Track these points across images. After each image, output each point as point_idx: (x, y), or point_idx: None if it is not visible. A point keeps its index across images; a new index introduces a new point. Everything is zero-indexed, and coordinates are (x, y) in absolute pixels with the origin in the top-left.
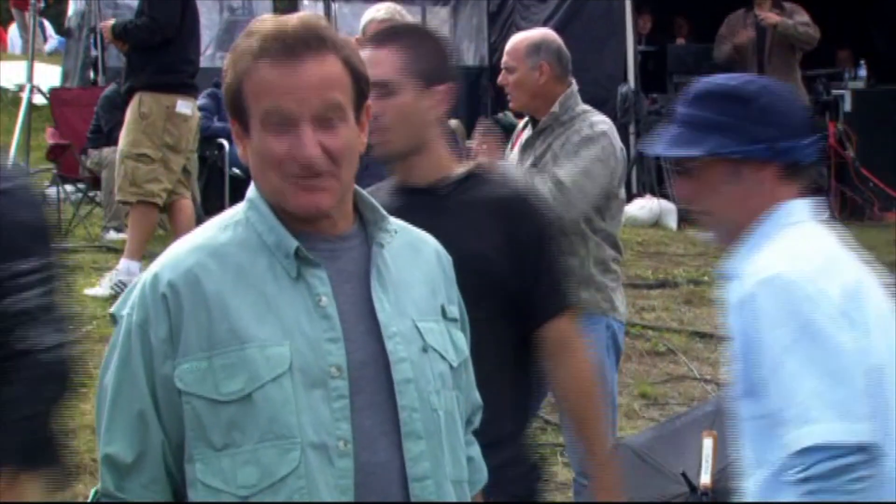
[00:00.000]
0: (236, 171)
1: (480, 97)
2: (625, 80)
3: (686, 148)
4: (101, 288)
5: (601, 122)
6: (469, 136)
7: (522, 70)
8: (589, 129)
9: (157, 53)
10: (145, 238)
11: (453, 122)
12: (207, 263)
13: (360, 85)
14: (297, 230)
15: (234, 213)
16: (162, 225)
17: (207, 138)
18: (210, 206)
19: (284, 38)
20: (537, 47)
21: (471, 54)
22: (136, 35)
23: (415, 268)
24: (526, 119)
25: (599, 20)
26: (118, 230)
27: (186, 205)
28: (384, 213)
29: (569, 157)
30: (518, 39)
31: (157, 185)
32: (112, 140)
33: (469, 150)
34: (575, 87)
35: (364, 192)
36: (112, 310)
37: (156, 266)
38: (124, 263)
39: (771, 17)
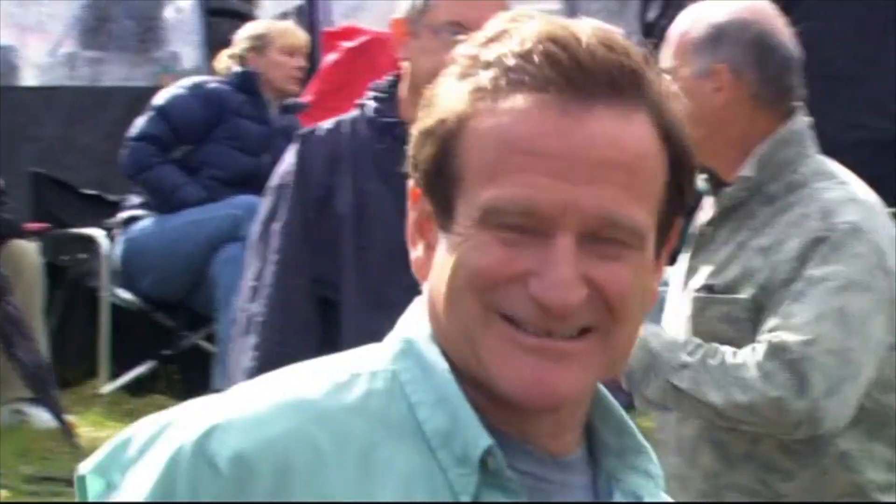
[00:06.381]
0: (125, 294)
1: None
2: None
3: None
4: None
5: (848, 198)
6: None
7: (685, 78)
8: (820, 221)
9: None
10: None
11: None
12: (315, 437)
13: (679, 179)
14: (489, 422)
15: (365, 358)
16: None
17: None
18: (67, 361)
19: (570, 63)
20: (716, 34)
21: None
22: None
23: None
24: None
25: None
26: None
27: None
28: (641, 440)
29: (786, 284)
30: (685, 21)
31: None
32: None
33: None
34: (803, 122)
35: (605, 390)
36: (83, 470)
37: (203, 422)
38: None
39: None
